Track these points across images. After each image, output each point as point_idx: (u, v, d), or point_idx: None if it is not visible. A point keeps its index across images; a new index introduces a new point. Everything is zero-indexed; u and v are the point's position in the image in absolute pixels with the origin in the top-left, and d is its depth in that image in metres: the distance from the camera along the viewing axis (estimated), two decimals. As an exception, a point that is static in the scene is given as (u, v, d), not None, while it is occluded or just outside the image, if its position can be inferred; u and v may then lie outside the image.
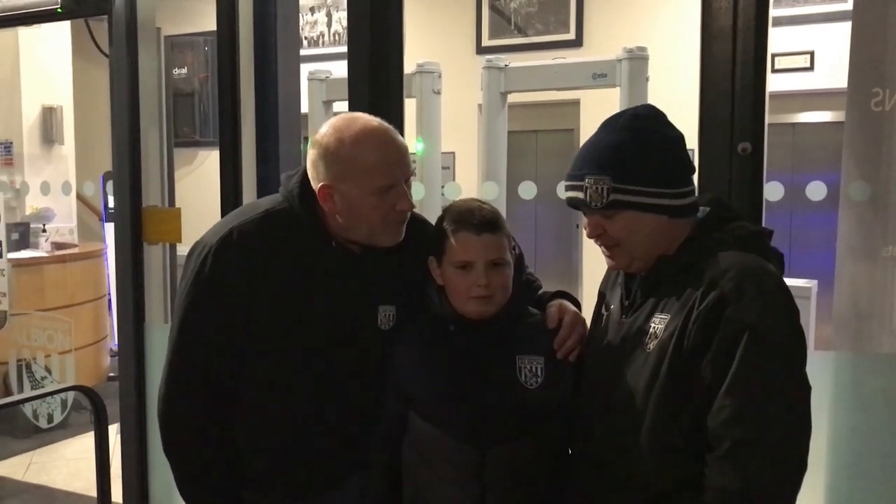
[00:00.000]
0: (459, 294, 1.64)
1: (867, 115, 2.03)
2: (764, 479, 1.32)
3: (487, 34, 6.52)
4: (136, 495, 3.04)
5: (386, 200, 1.64)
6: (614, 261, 1.55)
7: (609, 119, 1.55)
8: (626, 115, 1.54)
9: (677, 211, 1.49)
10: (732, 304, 1.36)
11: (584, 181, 1.49)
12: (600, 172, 1.47)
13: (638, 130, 1.49)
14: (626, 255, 1.52)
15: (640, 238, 1.49)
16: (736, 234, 1.48)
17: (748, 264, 1.41)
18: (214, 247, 1.65)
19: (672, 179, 1.48)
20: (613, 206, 1.47)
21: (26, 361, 4.70)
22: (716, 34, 2.03)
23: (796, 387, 1.37)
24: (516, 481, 1.63)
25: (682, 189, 1.49)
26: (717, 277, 1.39)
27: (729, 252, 1.44)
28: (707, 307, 1.38)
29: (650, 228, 1.48)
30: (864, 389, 2.05)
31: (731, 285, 1.37)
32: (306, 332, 1.69)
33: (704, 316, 1.38)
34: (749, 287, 1.37)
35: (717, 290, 1.38)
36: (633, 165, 1.47)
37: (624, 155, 1.47)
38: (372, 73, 2.50)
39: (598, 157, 1.49)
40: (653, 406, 1.44)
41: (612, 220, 1.49)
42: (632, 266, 1.55)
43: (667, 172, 1.48)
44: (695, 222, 1.52)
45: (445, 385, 1.65)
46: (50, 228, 5.58)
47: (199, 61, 6.99)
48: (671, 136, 1.52)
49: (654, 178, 1.46)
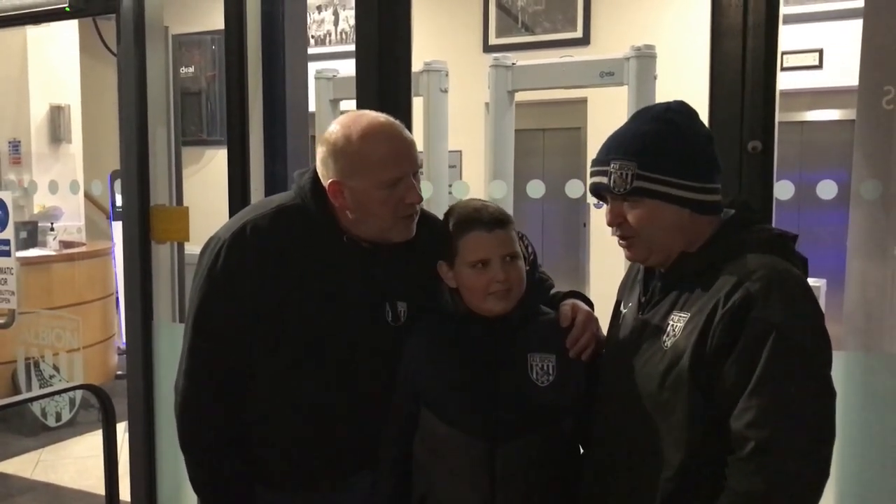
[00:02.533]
0: (477, 292, 1.64)
1: (878, 113, 2.02)
2: (787, 483, 1.31)
3: (494, 32, 6.51)
4: (144, 493, 3.04)
5: (395, 194, 1.65)
6: (631, 252, 1.54)
7: (640, 110, 1.56)
8: (658, 107, 1.54)
9: (700, 206, 1.47)
10: (759, 304, 1.35)
11: (610, 166, 1.48)
12: (626, 158, 1.47)
13: (668, 122, 1.49)
14: (644, 247, 1.51)
15: (660, 229, 1.48)
16: (761, 237, 1.47)
17: (775, 266, 1.40)
18: (228, 241, 1.68)
19: (698, 174, 1.47)
20: (636, 193, 1.47)
21: (34, 360, 4.71)
22: (725, 32, 2.02)
23: (821, 390, 1.36)
24: (527, 477, 1.63)
25: (707, 185, 1.48)
26: (743, 278, 1.38)
27: (755, 254, 1.43)
28: (733, 307, 1.36)
29: (671, 221, 1.47)
30: (875, 389, 2.04)
31: (757, 286, 1.36)
32: (318, 326, 1.70)
33: (730, 316, 1.36)
34: (776, 288, 1.36)
35: (744, 290, 1.37)
36: (659, 154, 1.46)
37: (651, 143, 1.47)
38: (380, 72, 2.50)
39: (626, 143, 1.49)
40: (665, 404, 1.43)
41: (633, 208, 1.48)
42: (649, 259, 1.54)
43: (693, 166, 1.47)
44: (719, 222, 1.51)
45: (456, 381, 1.66)
46: (58, 227, 5.60)
47: (207, 60, 7.01)
48: (701, 132, 1.52)
49: (680, 170, 1.46)
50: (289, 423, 1.74)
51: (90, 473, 4.19)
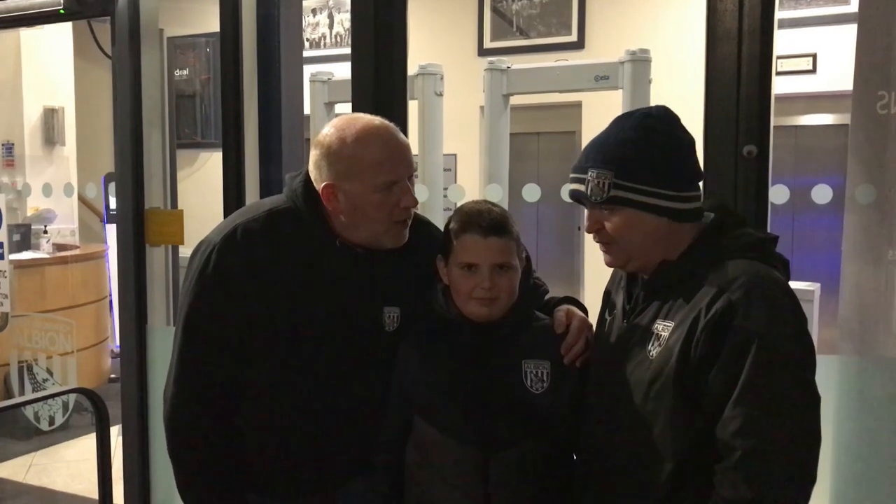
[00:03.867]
0: (461, 294, 1.64)
1: (873, 118, 2.02)
2: (774, 490, 1.31)
3: (489, 36, 6.51)
4: (137, 497, 3.03)
5: (390, 198, 1.64)
6: (610, 257, 1.54)
7: (621, 116, 1.55)
8: (638, 113, 1.53)
9: (679, 215, 1.47)
10: (740, 313, 1.35)
11: (587, 174, 1.48)
12: (604, 167, 1.46)
13: (647, 129, 1.48)
14: (623, 254, 1.51)
15: (638, 238, 1.48)
16: (742, 242, 1.47)
17: (756, 273, 1.40)
18: (218, 245, 1.65)
19: (677, 182, 1.47)
20: (613, 202, 1.46)
21: (28, 363, 4.69)
22: (721, 36, 2.02)
23: (806, 396, 1.35)
24: (521, 486, 1.61)
25: (686, 193, 1.47)
26: (724, 286, 1.38)
27: (735, 260, 1.42)
28: (715, 316, 1.36)
29: (649, 229, 1.47)
30: (870, 394, 2.04)
31: (738, 294, 1.36)
32: (309, 331, 1.68)
33: (712, 325, 1.36)
34: (757, 296, 1.36)
35: (725, 299, 1.36)
36: (637, 163, 1.45)
37: (629, 152, 1.46)
38: (376, 75, 2.49)
39: (604, 151, 1.48)
40: (652, 413, 1.43)
41: (611, 217, 1.48)
42: (628, 265, 1.54)
43: (672, 174, 1.47)
44: (699, 228, 1.50)
45: (450, 388, 1.65)
46: (51, 230, 5.58)
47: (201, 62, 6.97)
48: (681, 139, 1.51)
49: (658, 179, 1.45)
50: (280, 430, 1.72)
51: (83, 477, 4.17)
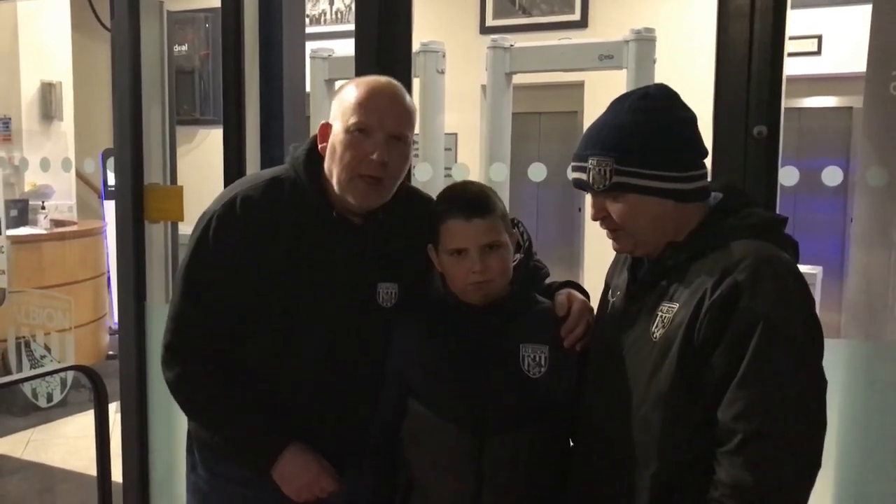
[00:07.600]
0: (456, 281, 1.61)
1: (885, 99, 2.00)
2: (777, 475, 1.28)
3: (492, 14, 6.45)
4: (136, 474, 3.02)
5: (362, 145, 1.62)
6: (618, 244, 1.52)
7: (619, 98, 1.51)
8: (635, 94, 1.49)
9: (684, 195, 1.44)
10: (746, 294, 1.31)
11: (588, 162, 1.45)
12: (604, 154, 1.43)
13: (646, 111, 1.45)
14: (630, 239, 1.48)
15: (645, 222, 1.45)
16: (749, 222, 1.43)
17: (763, 253, 1.36)
18: (218, 212, 1.68)
19: (679, 163, 1.43)
20: (616, 189, 1.43)
21: (25, 339, 4.68)
22: (733, 14, 1.99)
23: (811, 380, 1.32)
24: (515, 472, 1.58)
25: (690, 173, 1.44)
26: (730, 267, 1.35)
27: (742, 240, 1.39)
28: (720, 297, 1.33)
29: (655, 213, 1.44)
30: (877, 377, 2.02)
31: (745, 275, 1.33)
32: (300, 302, 1.68)
33: (718, 306, 1.33)
34: (764, 277, 1.32)
35: (731, 279, 1.33)
36: (637, 147, 1.42)
37: (629, 136, 1.43)
38: (379, 53, 2.46)
39: (603, 138, 1.45)
40: (655, 396, 1.40)
41: (615, 204, 1.45)
42: (636, 250, 1.51)
43: (674, 155, 1.43)
44: (706, 208, 1.48)
45: (446, 371, 1.62)
46: (49, 205, 5.56)
47: (200, 38, 6.94)
48: (682, 118, 1.47)
49: (660, 161, 1.42)
50: (272, 406, 1.71)
51: (81, 454, 4.17)
